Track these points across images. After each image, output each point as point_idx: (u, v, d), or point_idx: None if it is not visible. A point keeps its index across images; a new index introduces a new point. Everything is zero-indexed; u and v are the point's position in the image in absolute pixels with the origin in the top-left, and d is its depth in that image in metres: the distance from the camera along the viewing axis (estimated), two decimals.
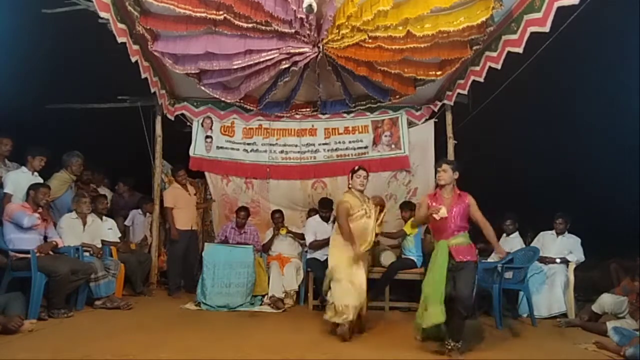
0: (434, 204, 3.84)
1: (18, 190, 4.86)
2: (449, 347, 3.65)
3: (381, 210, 4.47)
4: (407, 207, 6.02)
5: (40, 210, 4.79)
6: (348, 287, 4.12)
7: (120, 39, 4.53)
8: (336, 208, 4.51)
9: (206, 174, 7.03)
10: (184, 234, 6.16)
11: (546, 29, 4.12)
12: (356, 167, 4.53)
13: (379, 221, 4.43)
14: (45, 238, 4.85)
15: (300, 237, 6.03)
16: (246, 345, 3.79)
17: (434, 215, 3.72)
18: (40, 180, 5.07)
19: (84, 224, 5.31)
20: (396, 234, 5.91)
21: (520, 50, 4.54)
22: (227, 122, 7.03)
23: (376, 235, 4.51)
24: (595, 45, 7.04)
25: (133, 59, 4.93)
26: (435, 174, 4.05)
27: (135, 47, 4.93)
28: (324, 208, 5.81)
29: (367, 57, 5.13)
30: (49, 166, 5.46)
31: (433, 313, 3.59)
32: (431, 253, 5.62)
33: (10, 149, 5.16)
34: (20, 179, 4.92)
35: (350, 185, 4.48)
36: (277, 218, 6.14)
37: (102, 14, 4.17)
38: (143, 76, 5.37)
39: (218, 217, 7.07)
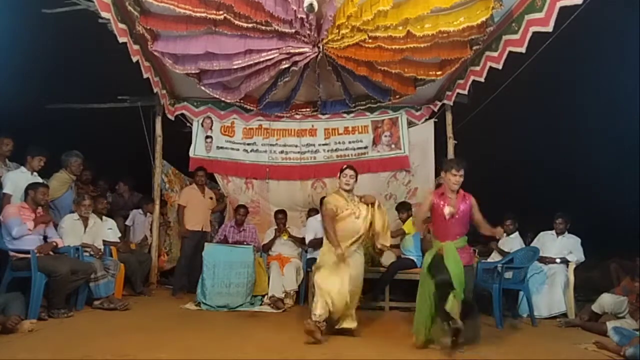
0: (440, 202, 3.86)
1: (17, 190, 4.85)
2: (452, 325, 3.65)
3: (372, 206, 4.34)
4: (404, 207, 6.02)
5: (39, 210, 4.79)
6: (327, 289, 4.09)
7: (121, 39, 4.54)
8: (321, 211, 4.43)
9: (216, 175, 7.03)
10: (193, 235, 6.16)
11: (549, 28, 4.12)
12: (344, 167, 4.44)
13: (381, 225, 4.29)
14: (45, 238, 4.84)
15: (301, 241, 6.04)
16: (246, 345, 3.79)
17: (446, 214, 3.75)
18: (40, 180, 5.07)
19: (85, 225, 5.31)
20: (395, 233, 5.92)
21: (522, 50, 4.55)
22: (227, 122, 7.03)
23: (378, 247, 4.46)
24: (595, 45, 7.05)
25: (134, 59, 4.93)
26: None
27: (136, 47, 4.94)
28: None
29: (367, 57, 5.13)
30: (48, 166, 5.46)
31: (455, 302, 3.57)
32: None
33: (11, 149, 5.15)
34: (19, 179, 4.91)
35: (339, 185, 4.41)
36: (281, 219, 6.13)
37: (104, 14, 4.18)
38: (145, 76, 5.37)
39: (229, 216, 7.05)
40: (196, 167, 6.59)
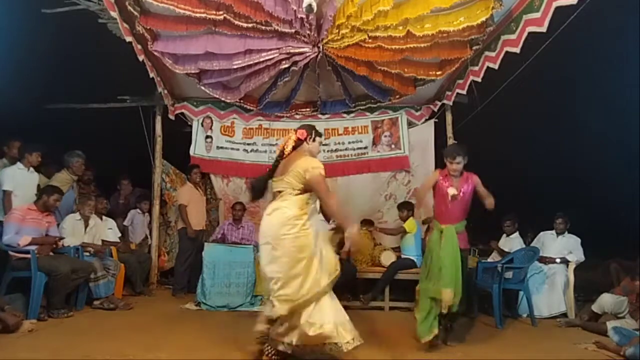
0: (444, 183, 3.92)
1: (18, 187, 4.85)
2: (445, 329, 3.75)
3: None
4: (405, 207, 6.00)
5: (45, 213, 4.79)
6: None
7: (127, 38, 4.56)
8: (314, 176, 3.19)
9: (212, 175, 7.04)
10: (197, 234, 6.18)
11: (543, 29, 4.13)
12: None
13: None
14: None
15: None
16: (246, 345, 3.78)
17: (450, 195, 3.80)
18: (36, 177, 5.10)
19: (86, 225, 5.34)
20: (396, 231, 5.92)
21: (517, 50, 4.55)
22: (227, 122, 7.04)
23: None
24: (595, 45, 7.04)
25: (140, 58, 4.95)
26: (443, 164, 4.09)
27: (137, 46, 4.94)
28: None
29: (367, 57, 5.13)
30: (48, 165, 5.47)
31: (447, 294, 3.63)
32: None
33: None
34: (16, 176, 4.90)
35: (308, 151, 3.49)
36: None
37: (112, 14, 4.24)
38: (151, 76, 5.39)
39: (223, 216, 7.06)
40: (190, 165, 6.59)
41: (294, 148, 3.40)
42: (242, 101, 6.47)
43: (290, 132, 3.52)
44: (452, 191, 3.83)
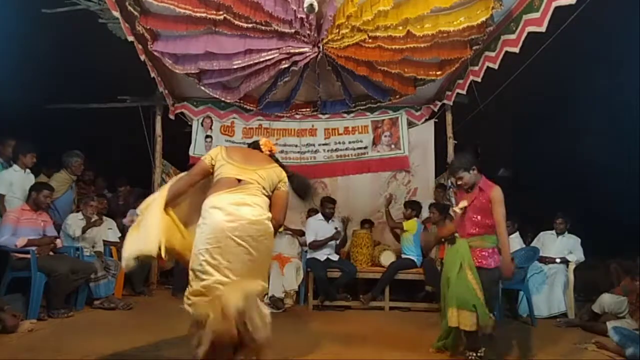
0: (458, 197, 3.81)
1: (15, 190, 4.83)
2: (470, 358, 3.49)
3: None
4: (411, 206, 5.99)
5: (40, 212, 4.78)
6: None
7: (130, 38, 4.57)
8: (284, 192, 3.25)
9: None
10: None
11: (542, 29, 4.12)
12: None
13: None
14: None
15: (299, 233, 6.04)
16: None
17: (454, 208, 3.67)
18: (32, 178, 5.07)
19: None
20: (394, 225, 5.96)
21: (516, 50, 4.55)
22: (227, 122, 7.03)
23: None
24: (595, 45, 7.04)
25: (142, 58, 4.96)
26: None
27: (138, 46, 4.95)
28: (330, 203, 5.90)
29: (367, 57, 5.14)
30: (47, 165, 5.45)
31: (462, 316, 3.41)
32: (428, 250, 5.62)
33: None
34: (12, 179, 4.89)
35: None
36: None
37: (115, 13, 4.25)
38: (152, 76, 5.39)
39: None
40: (188, 166, 6.58)
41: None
42: (242, 101, 6.47)
43: (267, 140, 3.33)
44: (461, 204, 3.54)
